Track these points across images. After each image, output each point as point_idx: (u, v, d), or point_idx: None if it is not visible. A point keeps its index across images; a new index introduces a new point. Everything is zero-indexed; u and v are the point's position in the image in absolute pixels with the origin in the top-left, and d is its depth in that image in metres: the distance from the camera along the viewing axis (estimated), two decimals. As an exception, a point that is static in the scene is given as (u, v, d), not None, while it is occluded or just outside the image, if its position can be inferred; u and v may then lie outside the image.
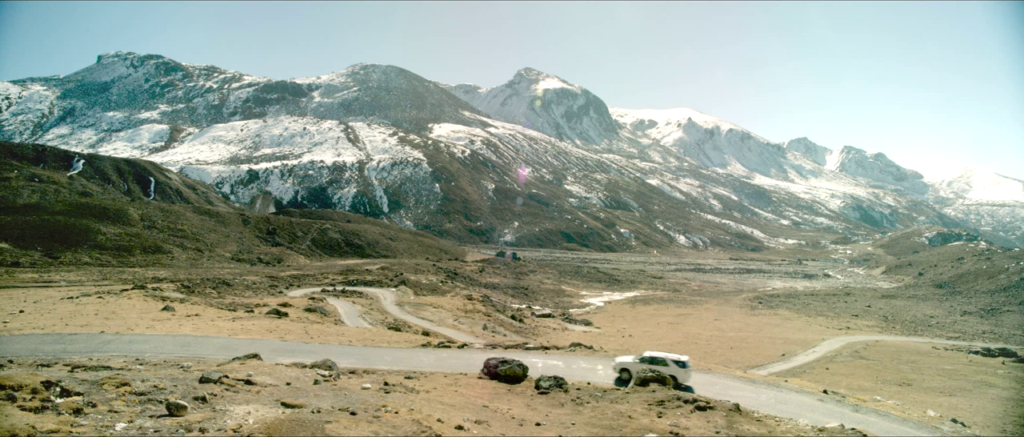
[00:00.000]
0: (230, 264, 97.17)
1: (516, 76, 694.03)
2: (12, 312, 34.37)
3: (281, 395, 16.82)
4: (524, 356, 27.66)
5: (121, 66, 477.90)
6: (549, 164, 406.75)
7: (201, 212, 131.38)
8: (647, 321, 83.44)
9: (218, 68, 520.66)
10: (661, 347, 52.58)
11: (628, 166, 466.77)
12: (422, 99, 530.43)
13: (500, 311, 70.23)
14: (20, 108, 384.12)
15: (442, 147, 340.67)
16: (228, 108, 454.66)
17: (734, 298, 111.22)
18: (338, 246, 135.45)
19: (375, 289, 70.26)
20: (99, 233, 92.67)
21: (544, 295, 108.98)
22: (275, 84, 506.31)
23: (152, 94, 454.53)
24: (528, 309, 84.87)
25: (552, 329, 67.85)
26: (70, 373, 18.03)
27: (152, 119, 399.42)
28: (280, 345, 28.55)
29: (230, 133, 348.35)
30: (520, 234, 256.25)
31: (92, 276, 67.13)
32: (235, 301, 48.23)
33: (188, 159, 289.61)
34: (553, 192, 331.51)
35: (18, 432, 10.59)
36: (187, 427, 12.78)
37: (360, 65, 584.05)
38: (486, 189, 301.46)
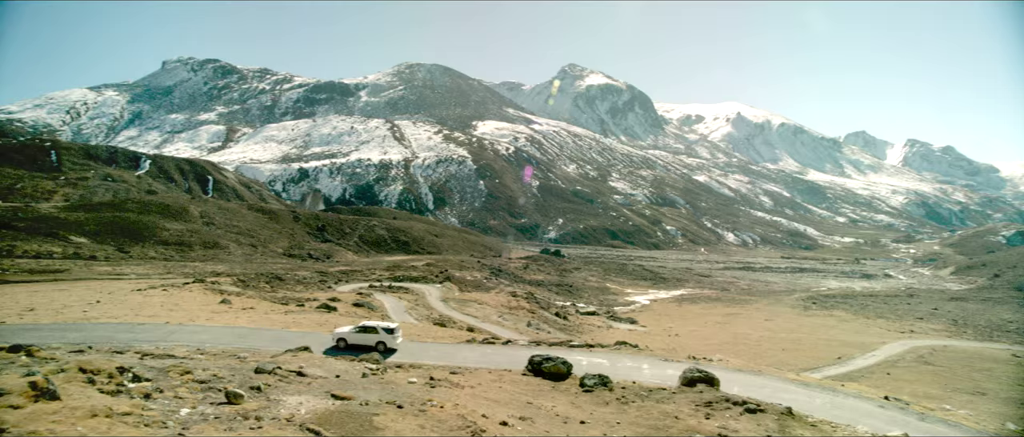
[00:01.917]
0: (282, 259, 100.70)
1: (560, 72, 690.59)
2: (91, 302, 36.70)
3: (331, 387, 17.24)
4: (568, 354, 27.46)
5: (182, 70, 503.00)
6: (593, 160, 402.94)
7: (255, 209, 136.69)
8: (694, 320, 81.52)
9: (270, 70, 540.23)
10: (709, 348, 51.18)
11: (674, 162, 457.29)
12: (466, 97, 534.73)
13: (544, 308, 70.08)
14: (96, 112, 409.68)
15: (486, 144, 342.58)
16: (280, 108, 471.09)
17: (786, 298, 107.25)
18: (385, 242, 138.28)
19: (420, 285, 71.28)
20: (164, 229, 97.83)
21: (588, 293, 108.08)
22: (324, 84, 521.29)
23: (210, 96, 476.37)
24: (572, 306, 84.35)
25: (596, 327, 67.18)
26: (140, 360, 19.06)
27: (210, 120, 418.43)
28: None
29: (281, 133, 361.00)
30: (564, 231, 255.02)
31: (157, 269, 70.86)
32: (287, 295, 49.89)
33: (243, 158, 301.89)
34: (597, 189, 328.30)
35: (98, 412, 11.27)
36: (244, 415, 13.27)
37: (405, 64, 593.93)
38: (530, 186, 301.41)
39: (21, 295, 40.36)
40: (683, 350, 40.06)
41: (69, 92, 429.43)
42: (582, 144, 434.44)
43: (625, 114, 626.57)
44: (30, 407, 10.84)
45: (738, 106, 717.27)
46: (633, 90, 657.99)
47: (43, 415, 10.53)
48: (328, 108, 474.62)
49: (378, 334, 26.18)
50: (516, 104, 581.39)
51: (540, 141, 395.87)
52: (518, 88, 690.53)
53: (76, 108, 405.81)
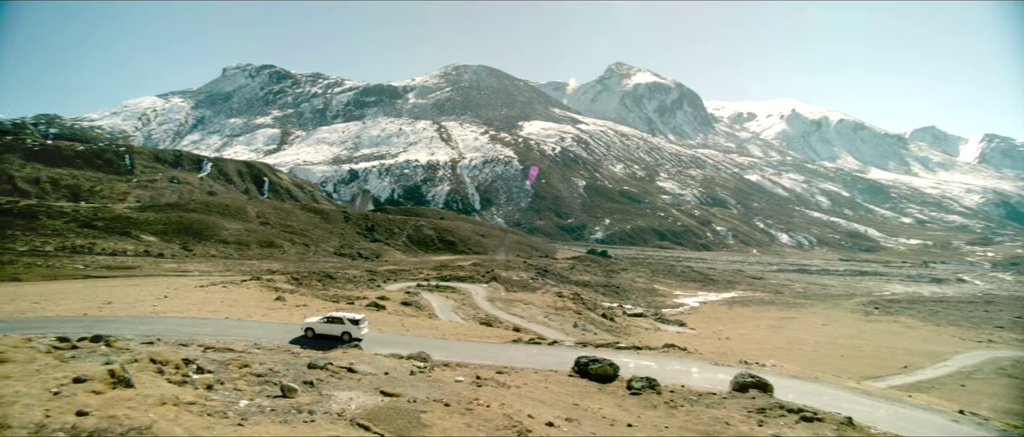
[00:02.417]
0: (333, 258, 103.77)
1: (606, 71, 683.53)
2: (159, 297, 38.94)
3: (380, 383, 17.65)
4: (615, 355, 27.14)
5: (241, 77, 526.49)
6: (641, 160, 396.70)
7: (308, 209, 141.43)
8: (746, 323, 78.97)
9: (322, 74, 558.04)
10: (761, 352, 49.44)
11: (725, 161, 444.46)
12: (512, 97, 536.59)
13: (591, 309, 69.48)
14: (164, 118, 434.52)
15: (532, 145, 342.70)
16: (331, 111, 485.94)
17: (845, 302, 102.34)
18: (432, 242, 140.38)
19: (467, 285, 71.95)
20: (223, 228, 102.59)
21: (636, 294, 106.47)
22: (373, 87, 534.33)
23: (266, 101, 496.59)
24: (619, 308, 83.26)
25: (644, 329, 66.08)
26: (203, 353, 20.07)
27: (266, 124, 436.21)
28: (378, 336, 29.97)
29: (333, 135, 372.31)
30: (611, 231, 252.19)
31: (218, 267, 74.37)
32: (337, 293, 51.36)
33: (296, 160, 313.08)
34: (645, 189, 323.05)
35: (166, 401, 11.97)
36: (298, 408, 13.77)
37: (452, 66, 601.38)
38: (576, 186, 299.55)
39: (101, 289, 43.23)
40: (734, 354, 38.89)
41: (141, 100, 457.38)
42: (629, 143, 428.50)
43: (673, 112, 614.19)
44: (109, 393, 11.60)
45: (792, 102, 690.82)
46: (682, 88, 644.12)
47: (120, 401, 11.25)
48: (377, 110, 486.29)
49: (344, 324, 27.13)
50: (562, 104, 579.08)
51: (586, 141, 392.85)
52: (564, 88, 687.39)
53: (147, 114, 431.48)
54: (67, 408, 10.29)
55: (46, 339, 16.41)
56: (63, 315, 30.13)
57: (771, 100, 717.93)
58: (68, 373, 12.26)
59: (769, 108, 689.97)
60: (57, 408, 10.21)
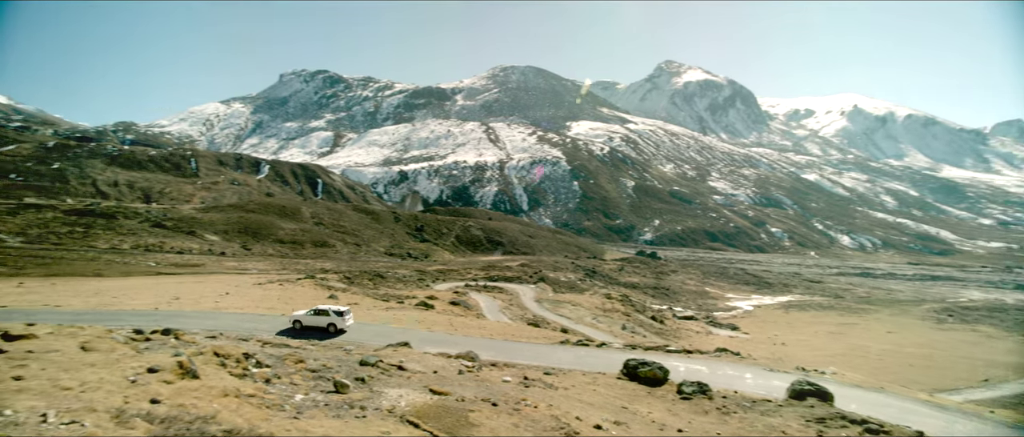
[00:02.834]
0: (383, 258, 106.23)
1: (656, 70, 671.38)
2: (222, 294, 40.99)
3: (429, 382, 17.94)
4: (665, 359, 26.60)
5: (296, 82, 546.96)
6: (692, 160, 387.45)
7: (359, 210, 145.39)
8: (803, 329, 75.81)
9: (373, 78, 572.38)
10: (820, 359, 47.34)
11: (780, 160, 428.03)
12: (560, 98, 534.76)
13: (639, 311, 68.38)
14: (226, 123, 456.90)
15: (580, 145, 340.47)
16: (381, 114, 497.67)
17: (914, 308, 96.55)
18: (480, 243, 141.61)
19: (515, 285, 72.17)
20: (280, 228, 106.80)
21: (686, 296, 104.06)
22: (422, 90, 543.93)
23: (320, 105, 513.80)
24: (669, 310, 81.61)
25: (695, 332, 64.50)
26: (261, 348, 20.96)
27: (320, 127, 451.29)
28: (427, 335, 30.46)
29: (383, 137, 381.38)
30: (661, 232, 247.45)
31: (275, 265, 77.48)
32: (388, 292, 52.54)
33: (348, 162, 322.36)
34: (696, 189, 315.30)
35: (229, 392, 12.60)
36: (350, 404, 14.17)
37: (499, 67, 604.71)
38: (625, 186, 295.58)
39: (170, 285, 45.87)
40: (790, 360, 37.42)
41: (205, 106, 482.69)
42: (679, 143, 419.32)
43: (726, 110, 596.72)
44: (178, 383, 12.30)
45: (854, 98, 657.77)
46: (734, 85, 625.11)
47: (187, 391, 11.90)
48: (426, 112, 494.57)
49: (330, 316, 28.15)
50: (610, 103, 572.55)
51: (635, 140, 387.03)
52: (612, 87, 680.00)
53: (210, 120, 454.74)
54: (142, 395, 10.97)
55: (124, 331, 17.54)
56: (138, 309, 32.14)
57: (830, 96, 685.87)
58: (143, 363, 13.07)
59: (828, 104, 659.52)
60: (134, 395, 10.90)
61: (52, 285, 42.68)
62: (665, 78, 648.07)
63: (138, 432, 8.93)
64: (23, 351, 12.77)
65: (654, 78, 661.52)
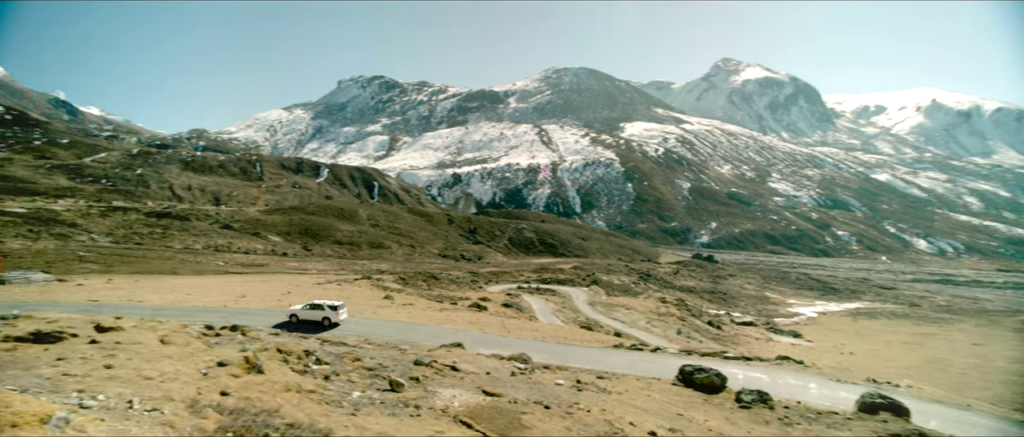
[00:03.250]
0: (437, 259, 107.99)
1: (712, 69, 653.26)
2: (284, 292, 42.85)
3: (482, 383, 18.08)
4: (722, 365, 25.77)
5: (354, 88, 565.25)
6: (750, 160, 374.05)
7: (414, 212, 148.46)
8: (873, 338, 71.54)
9: (428, 83, 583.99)
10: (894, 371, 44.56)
11: (847, 159, 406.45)
12: (613, 99, 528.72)
13: (696, 316, 66.57)
14: (288, 129, 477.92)
15: (634, 146, 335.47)
16: (435, 118, 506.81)
17: (1005, 319, 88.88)
18: (532, 245, 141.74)
19: (567, 288, 71.80)
20: (338, 230, 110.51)
21: (745, 301, 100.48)
22: (475, 93, 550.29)
23: (376, 109, 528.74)
24: (726, 315, 79.05)
25: (754, 339, 62.15)
26: (321, 345, 21.73)
27: (376, 131, 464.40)
28: (480, 336, 30.72)
29: (437, 140, 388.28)
30: (718, 235, 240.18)
31: (333, 266, 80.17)
32: (441, 293, 53.37)
33: (403, 165, 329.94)
34: (755, 190, 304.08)
35: (291, 387, 13.14)
36: (405, 402, 14.47)
37: (552, 69, 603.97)
38: (680, 188, 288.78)
39: (237, 284, 48.31)
40: (859, 370, 35.47)
41: (269, 113, 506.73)
42: (738, 143, 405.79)
43: (787, 109, 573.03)
44: (244, 377, 12.94)
45: (932, 92, 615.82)
46: (797, 82, 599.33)
47: (253, 385, 12.50)
48: (479, 115, 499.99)
49: (324, 311, 29.59)
50: (665, 104, 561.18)
51: (691, 141, 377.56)
52: (667, 87, 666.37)
53: (273, 126, 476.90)
54: (213, 388, 11.61)
55: (197, 326, 18.62)
56: (209, 305, 34.01)
57: (904, 91, 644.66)
58: (214, 357, 13.82)
59: (902, 100, 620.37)
60: (206, 387, 11.55)
61: (135, 282, 45.79)
62: (722, 77, 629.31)
63: (210, 422, 9.45)
64: (112, 342, 13.84)
65: (710, 77, 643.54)
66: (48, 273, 44.88)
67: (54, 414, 7.38)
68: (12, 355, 12.26)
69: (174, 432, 8.82)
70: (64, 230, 78.03)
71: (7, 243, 64.66)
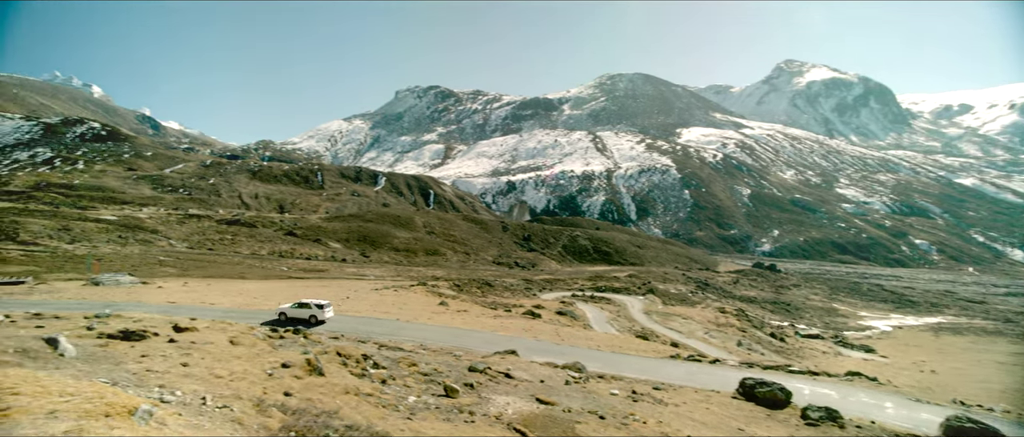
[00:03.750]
0: (491, 266, 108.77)
1: (774, 71, 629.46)
2: (343, 297, 44.32)
3: (535, 391, 18.02)
4: (786, 380, 24.59)
5: (410, 98, 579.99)
6: (816, 165, 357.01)
7: (468, 220, 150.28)
8: (959, 356, 66.28)
9: (482, 91, 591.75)
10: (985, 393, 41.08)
11: (926, 163, 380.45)
12: (669, 104, 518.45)
13: (757, 327, 63.96)
14: (347, 139, 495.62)
15: (691, 152, 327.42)
16: (490, 126, 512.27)
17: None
18: (587, 252, 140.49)
19: (622, 296, 70.68)
20: (395, 237, 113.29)
21: (810, 313, 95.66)
22: (529, 101, 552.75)
23: (432, 119, 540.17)
24: (790, 327, 75.54)
25: (821, 353, 59.01)
26: (378, 350, 22.30)
27: (431, 140, 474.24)
28: (534, 344, 30.64)
29: (491, 148, 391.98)
30: (780, 243, 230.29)
31: (390, 272, 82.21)
32: (496, 301, 53.68)
33: (458, 173, 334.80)
34: (821, 197, 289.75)
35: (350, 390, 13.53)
36: (459, 408, 14.61)
37: (607, 75, 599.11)
38: (740, 194, 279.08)
39: (299, 288, 50.36)
40: (943, 391, 33.06)
41: (330, 123, 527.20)
42: (801, 147, 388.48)
43: (857, 110, 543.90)
44: (306, 379, 13.45)
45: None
46: (867, 82, 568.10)
47: (314, 386, 12.96)
48: (533, 123, 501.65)
49: (311, 309, 30.85)
50: (724, 108, 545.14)
51: (751, 146, 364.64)
52: (726, 91, 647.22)
53: (334, 136, 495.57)
54: (277, 388, 12.12)
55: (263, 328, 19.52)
56: (274, 309, 35.60)
57: (994, 87, 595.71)
58: (278, 359, 14.45)
59: (991, 97, 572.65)
60: (271, 387, 12.08)
61: (207, 285, 48.55)
62: (785, 79, 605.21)
63: (274, 421, 9.87)
64: (188, 341, 14.75)
65: (772, 79, 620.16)
66: (134, 276, 48.26)
67: (140, 407, 7.94)
68: (105, 350, 13.33)
69: (242, 429, 9.26)
70: (147, 236, 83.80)
71: (101, 248, 70.08)
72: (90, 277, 45.44)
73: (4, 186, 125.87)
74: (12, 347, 12.15)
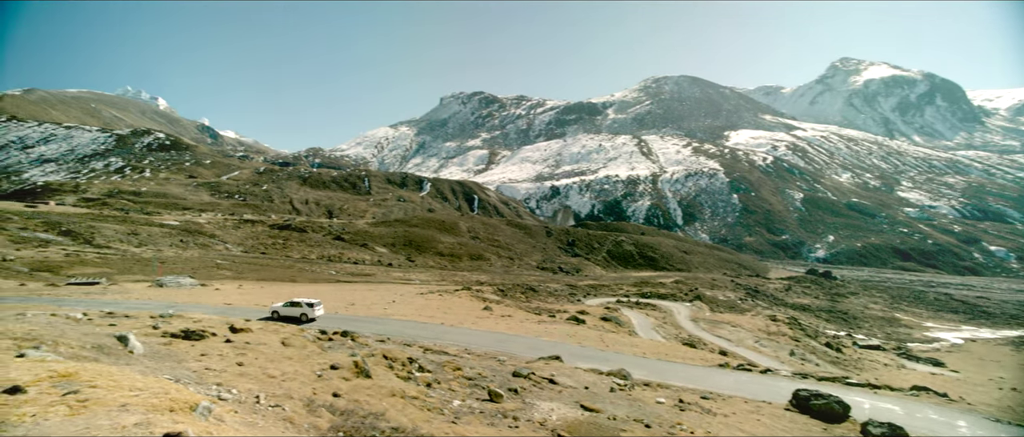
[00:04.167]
0: (535, 272, 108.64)
1: (829, 70, 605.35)
2: (389, 301, 45.21)
3: (580, 398, 17.86)
4: (844, 392, 23.48)
5: (455, 104, 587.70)
6: (875, 168, 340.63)
7: (512, 225, 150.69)
8: (1039, 371, 61.64)
9: (526, 96, 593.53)
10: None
11: (1001, 164, 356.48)
12: (717, 106, 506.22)
13: (811, 336, 61.45)
14: (394, 145, 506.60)
15: (740, 155, 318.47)
16: (533, 131, 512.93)
17: None
18: (632, 258, 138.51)
19: (668, 302, 69.32)
20: (440, 242, 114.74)
21: (870, 323, 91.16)
22: (573, 106, 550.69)
23: (476, 125, 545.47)
24: (847, 337, 72.22)
25: (882, 365, 56.08)
26: (423, 353, 22.61)
27: (476, 146, 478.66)
28: (578, 350, 30.38)
29: (535, 153, 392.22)
30: (836, 249, 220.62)
31: (434, 277, 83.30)
32: (540, 306, 53.58)
33: (502, 178, 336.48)
34: (880, 200, 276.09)
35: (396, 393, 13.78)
36: (503, 413, 14.63)
37: (652, 78, 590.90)
38: (791, 198, 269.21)
39: (346, 292, 51.69)
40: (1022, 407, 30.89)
41: (376, 130, 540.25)
42: (859, 149, 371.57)
43: (920, 109, 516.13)
44: (354, 381, 13.77)
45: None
46: (933, 79, 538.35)
47: (362, 388, 13.26)
48: (577, 128, 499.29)
49: (301, 307, 31.89)
50: (774, 109, 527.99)
51: (804, 148, 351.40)
52: (776, 92, 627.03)
53: (380, 143, 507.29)
54: (326, 389, 12.47)
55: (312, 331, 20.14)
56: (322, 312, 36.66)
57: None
58: (327, 360, 14.87)
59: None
60: (320, 388, 12.44)
61: (260, 288, 50.47)
62: (840, 78, 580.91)
63: (323, 421, 10.15)
64: (243, 342, 15.38)
65: (826, 79, 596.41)
66: (193, 278, 50.69)
67: (200, 403, 8.36)
68: (168, 348, 14.08)
69: (293, 428, 9.57)
70: (206, 240, 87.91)
71: (164, 251, 74.02)
72: (155, 279, 48.03)
73: (83, 193, 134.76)
74: (90, 343, 12.98)
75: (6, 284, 43.26)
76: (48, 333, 13.11)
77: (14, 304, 29.22)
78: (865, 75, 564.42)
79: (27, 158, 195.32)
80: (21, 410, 6.79)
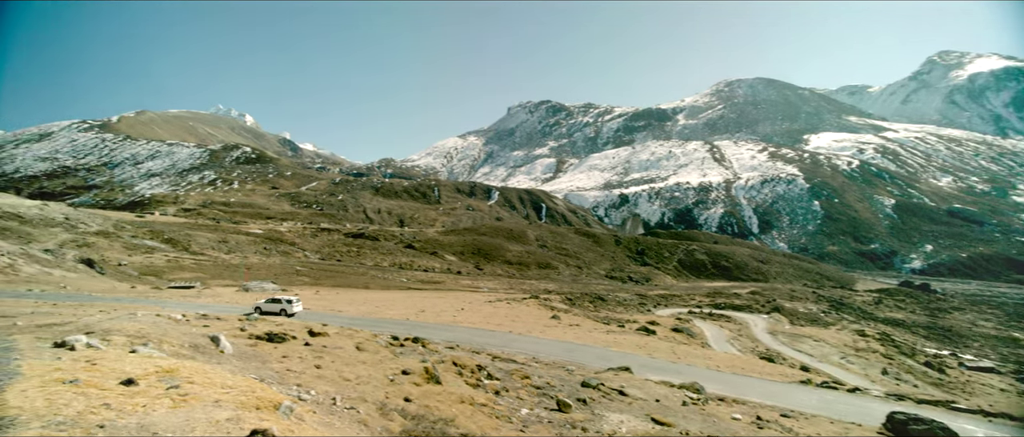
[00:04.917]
0: (604, 281, 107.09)
1: (925, 65, 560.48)
2: (458, 309, 46.06)
3: (650, 410, 17.38)
4: (950, 418, 21.46)
5: (522, 113, 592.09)
6: (982, 170, 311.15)
7: (580, 233, 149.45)
8: None
9: (593, 104, 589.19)
10: None
11: None
12: (795, 109, 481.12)
13: (907, 355, 56.72)
14: (462, 155, 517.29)
15: (821, 159, 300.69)
16: (601, 138, 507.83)
17: None
18: (704, 267, 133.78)
19: (744, 314, 66.30)
20: (508, 250, 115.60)
21: (980, 341, 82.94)
22: (641, 112, 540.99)
23: (543, 133, 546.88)
24: (952, 357, 66.04)
25: (998, 390, 50.82)
26: (491, 361, 22.81)
27: (543, 154, 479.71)
28: (648, 361, 29.60)
29: (603, 161, 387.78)
30: (935, 260, 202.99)
31: (502, 285, 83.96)
32: (608, 315, 52.73)
33: (570, 186, 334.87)
34: (991, 205, 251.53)
35: (465, 400, 14.00)
36: (572, 424, 14.48)
37: (724, 82, 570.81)
38: (881, 205, 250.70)
39: (417, 299, 53.14)
40: None
41: (446, 141, 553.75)
42: (962, 150, 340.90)
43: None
44: (424, 386, 14.10)
45: None
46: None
47: (432, 394, 13.55)
48: (646, 134, 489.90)
49: (281, 304, 33.70)
50: (859, 110, 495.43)
51: (895, 151, 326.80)
52: (862, 91, 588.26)
53: (449, 153, 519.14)
54: (398, 394, 12.84)
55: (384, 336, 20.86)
56: (394, 318, 37.82)
57: None
58: (399, 365, 15.34)
59: None
60: (392, 392, 12.83)
61: (336, 294, 52.83)
62: (939, 73, 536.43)
63: (395, 424, 10.46)
64: (320, 345, 16.18)
65: (921, 75, 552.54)
66: (275, 284, 53.83)
67: (283, 403, 8.89)
68: (254, 349, 15.07)
69: (366, 430, 9.93)
70: (287, 248, 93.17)
71: (250, 258, 79.11)
72: (242, 284, 51.42)
73: (182, 204, 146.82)
74: (187, 342, 14.12)
75: (121, 286, 47.79)
76: (154, 332, 14.35)
77: (127, 304, 32.32)
78: (970, 68, 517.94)
79: (138, 172, 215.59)
80: (134, 400, 7.57)
